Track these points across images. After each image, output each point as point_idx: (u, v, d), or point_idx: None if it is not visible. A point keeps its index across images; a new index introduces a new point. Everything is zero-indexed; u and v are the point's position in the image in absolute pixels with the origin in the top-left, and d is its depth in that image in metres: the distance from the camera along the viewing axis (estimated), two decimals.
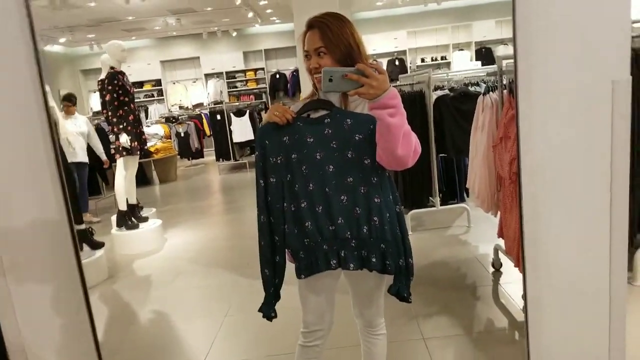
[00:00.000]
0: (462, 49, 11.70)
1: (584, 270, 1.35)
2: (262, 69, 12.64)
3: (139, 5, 8.40)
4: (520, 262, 2.63)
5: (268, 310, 1.66)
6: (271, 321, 1.67)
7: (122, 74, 4.73)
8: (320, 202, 1.54)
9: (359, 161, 1.52)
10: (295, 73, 11.84)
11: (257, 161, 1.60)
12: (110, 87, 4.58)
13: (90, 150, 6.10)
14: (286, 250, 1.64)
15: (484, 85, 4.02)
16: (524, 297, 1.38)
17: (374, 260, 1.55)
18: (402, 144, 1.42)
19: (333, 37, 1.53)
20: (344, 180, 1.53)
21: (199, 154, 10.06)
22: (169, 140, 9.30)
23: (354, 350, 1.93)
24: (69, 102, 5.83)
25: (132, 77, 11.97)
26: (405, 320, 2.81)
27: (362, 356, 1.87)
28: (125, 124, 4.66)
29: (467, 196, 4.83)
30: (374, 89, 1.36)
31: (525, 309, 1.36)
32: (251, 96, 12.31)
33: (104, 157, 6.19)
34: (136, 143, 4.75)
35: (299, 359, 1.77)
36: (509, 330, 2.66)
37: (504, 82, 2.99)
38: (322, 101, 1.58)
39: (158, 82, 12.89)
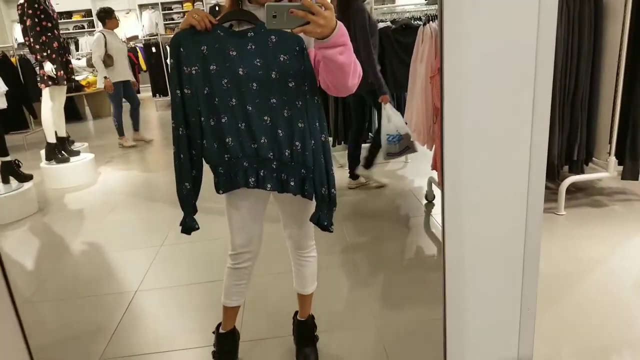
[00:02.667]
0: None
1: (501, 199, 1.38)
2: (201, 1, 12.02)
3: None
4: None
5: (192, 222, 1.64)
6: (190, 234, 1.65)
7: None
8: (243, 119, 1.50)
9: (284, 83, 1.47)
10: None
11: (171, 70, 1.51)
12: (30, 12, 4.23)
13: (16, 83, 5.71)
14: None
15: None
16: (442, 223, 1.39)
17: (292, 184, 1.55)
18: (351, 77, 1.41)
19: None
20: (268, 100, 1.48)
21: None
22: None
23: (287, 276, 1.96)
24: None
25: (60, 6, 11.14)
26: (340, 248, 2.88)
27: (293, 278, 1.89)
28: (49, 52, 4.34)
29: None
30: (321, 27, 1.28)
31: (443, 232, 1.39)
32: None
33: None
34: (62, 72, 4.45)
35: (227, 282, 1.77)
36: (437, 257, 2.79)
37: None
38: (247, 13, 1.49)
39: (88, 13, 12.01)
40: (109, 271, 2.86)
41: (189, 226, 1.64)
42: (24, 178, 3.96)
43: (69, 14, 11.86)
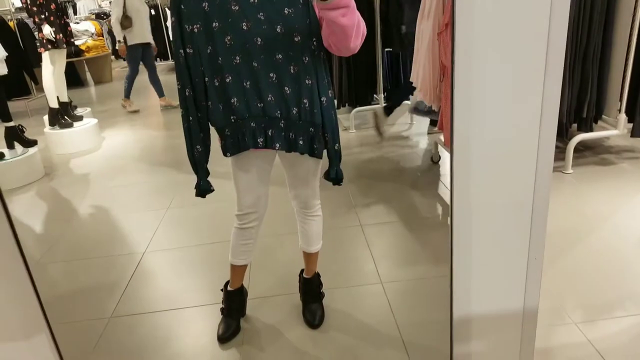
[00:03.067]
0: None
1: (510, 156, 1.38)
2: None
3: None
4: None
5: (206, 184, 1.63)
6: (204, 196, 1.65)
7: None
8: (248, 78, 1.47)
9: (289, 37, 1.43)
10: None
11: (173, 29, 1.47)
12: None
13: (16, 49, 5.63)
14: None
15: None
16: (451, 177, 1.39)
17: (301, 143, 1.54)
18: (354, 39, 1.38)
19: None
20: (273, 56, 1.45)
21: None
22: (101, 38, 8.67)
23: (293, 237, 1.97)
24: None
25: None
26: (345, 209, 2.89)
27: (299, 237, 1.90)
28: (47, 14, 4.26)
29: (412, 94, 4.85)
30: None
31: (451, 190, 1.39)
32: None
33: None
34: (61, 35, 4.38)
35: (234, 242, 1.78)
36: (442, 216, 2.79)
37: None
38: None
39: None
40: (117, 233, 2.88)
41: (204, 189, 1.63)
42: (29, 143, 3.96)
43: None
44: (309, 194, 1.77)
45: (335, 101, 4.55)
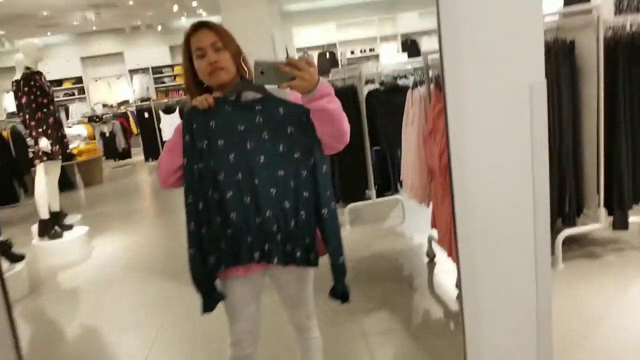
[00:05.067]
0: (389, 41, 11.92)
1: (511, 258, 1.43)
2: None
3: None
4: (452, 252, 2.71)
5: (214, 300, 1.60)
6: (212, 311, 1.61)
7: (39, 74, 4.42)
8: (248, 193, 1.50)
9: (290, 155, 1.50)
10: None
11: (186, 146, 1.53)
12: (26, 89, 4.28)
13: (7, 157, 5.70)
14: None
15: (412, 78, 4.10)
16: (458, 286, 1.42)
17: (298, 254, 1.54)
18: (345, 122, 1.48)
19: (225, 34, 1.55)
20: (275, 172, 1.50)
21: (126, 154, 9.67)
22: (93, 141, 8.86)
23: (292, 354, 1.90)
24: None
25: (50, 75, 11.30)
26: (345, 316, 2.81)
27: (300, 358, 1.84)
28: (44, 127, 4.36)
29: (401, 187, 4.93)
30: (307, 81, 1.37)
31: (460, 299, 1.41)
32: (180, 92, 11.94)
33: None
34: (57, 147, 4.47)
35: None
36: (444, 320, 2.73)
37: (431, 76, 3.06)
38: (254, 85, 1.52)
39: (79, 80, 12.25)
40: (108, 356, 2.76)
41: (211, 305, 1.60)
42: (16, 258, 3.88)
43: (59, 82, 12.05)
44: (302, 316, 1.75)
45: None
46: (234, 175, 1.50)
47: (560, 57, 2.96)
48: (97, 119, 9.82)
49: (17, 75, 4.36)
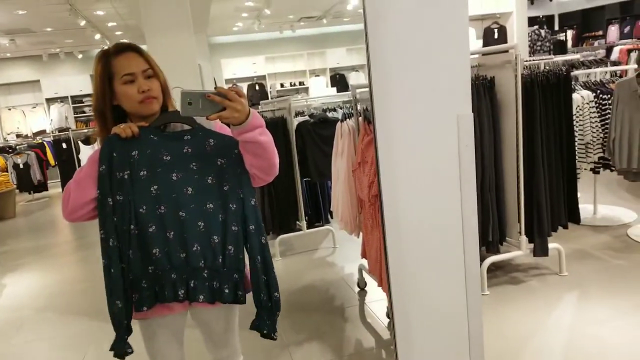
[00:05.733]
0: (318, 75, 12.24)
1: (442, 285, 1.48)
2: None
3: None
4: (383, 281, 2.77)
5: (123, 346, 1.47)
6: (124, 359, 1.50)
7: None
8: (173, 228, 1.43)
9: (219, 187, 1.45)
10: None
11: (101, 177, 1.42)
12: None
13: None
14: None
15: (340, 111, 4.22)
16: (390, 315, 1.45)
17: (226, 291, 1.48)
18: (275, 155, 1.45)
19: (153, 61, 1.49)
20: (204, 205, 1.44)
21: (42, 186, 9.10)
22: (5, 173, 8.29)
23: None
24: None
25: None
26: (277, 350, 2.78)
27: None
28: None
29: (332, 217, 5.00)
30: (238, 112, 1.31)
31: (392, 328, 1.44)
32: None
33: None
34: None
35: None
36: (376, 349, 2.77)
37: (359, 109, 3.17)
38: (183, 116, 1.44)
39: None
40: None
41: (119, 354, 1.48)
42: None
43: None
44: (229, 353, 1.69)
45: None
46: (156, 208, 1.42)
47: (481, 92, 3.12)
48: (11, 150, 9.22)
49: None
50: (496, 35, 8.00)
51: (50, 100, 11.66)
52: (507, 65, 3.09)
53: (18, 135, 11.14)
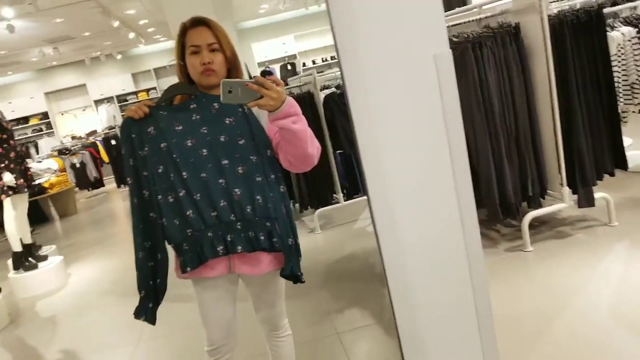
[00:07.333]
0: None
1: (440, 238, 1.42)
2: (154, 88, 12.30)
3: (9, 38, 7.80)
4: None
5: (144, 313, 1.61)
6: (154, 324, 1.63)
7: None
8: (198, 190, 1.52)
9: (234, 142, 1.53)
10: None
11: (125, 158, 1.56)
12: None
13: None
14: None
15: None
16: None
17: (262, 238, 1.55)
18: (310, 145, 1.48)
19: (223, 36, 1.57)
20: (220, 162, 1.52)
21: (98, 183, 9.57)
22: (64, 173, 8.78)
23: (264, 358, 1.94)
24: None
25: (15, 113, 11.24)
26: (318, 317, 2.86)
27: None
28: (7, 162, 4.34)
29: None
30: (274, 100, 1.38)
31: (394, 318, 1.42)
32: None
33: None
34: (22, 180, 4.44)
35: None
36: None
37: None
38: (184, 86, 1.58)
39: (45, 115, 12.14)
40: None
41: (138, 315, 1.62)
42: None
43: (25, 119, 11.94)
44: (275, 315, 1.77)
45: (298, 205, 4.66)
46: (180, 175, 1.52)
47: (507, 40, 2.99)
48: (67, 151, 9.73)
49: None
50: None
51: (97, 102, 12.17)
52: (532, 8, 2.92)
53: (72, 137, 11.69)
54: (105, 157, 9.67)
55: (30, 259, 4.62)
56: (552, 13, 3.01)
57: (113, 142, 8.84)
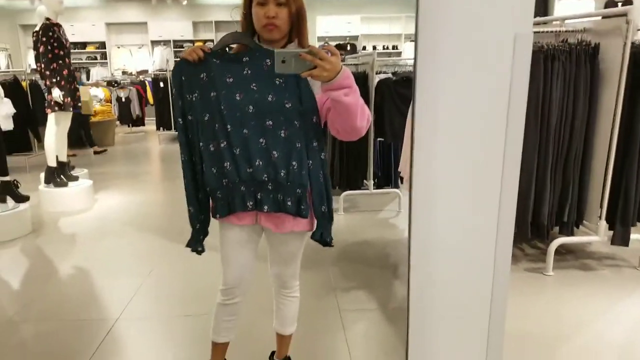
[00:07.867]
0: (413, 40, 11.87)
1: (471, 242, 1.39)
2: (212, 40, 12.36)
3: None
4: None
5: (195, 244, 1.69)
6: (200, 254, 1.71)
7: (59, 26, 4.52)
8: (238, 144, 1.53)
9: (280, 104, 1.52)
10: None
11: (175, 99, 1.60)
12: (44, 39, 4.38)
13: (24, 107, 5.86)
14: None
15: None
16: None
17: (289, 204, 1.57)
18: (359, 118, 1.46)
19: None
20: (264, 122, 1.53)
21: (139, 121, 9.79)
22: (109, 104, 8.98)
23: (270, 315, 1.96)
24: None
25: (75, 37, 11.48)
26: (324, 291, 2.88)
27: (274, 317, 1.90)
28: (58, 78, 4.46)
29: (402, 183, 4.97)
30: (327, 71, 1.36)
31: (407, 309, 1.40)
32: None
33: None
34: (69, 99, 4.56)
35: (217, 317, 1.78)
36: None
37: None
38: (241, 35, 1.57)
39: (102, 45, 12.38)
40: (94, 297, 2.85)
41: (193, 249, 1.71)
42: (21, 199, 4.00)
43: (83, 45, 12.20)
44: (288, 274, 1.79)
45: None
46: (225, 126, 1.53)
47: (582, 59, 2.91)
48: (115, 84, 9.94)
49: (38, 27, 4.45)
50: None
51: (154, 43, 12.33)
52: (617, 31, 2.81)
53: (124, 72, 11.95)
54: (150, 98, 9.84)
55: (62, 176, 4.76)
56: (637, 41, 2.87)
57: (161, 84, 8.96)
